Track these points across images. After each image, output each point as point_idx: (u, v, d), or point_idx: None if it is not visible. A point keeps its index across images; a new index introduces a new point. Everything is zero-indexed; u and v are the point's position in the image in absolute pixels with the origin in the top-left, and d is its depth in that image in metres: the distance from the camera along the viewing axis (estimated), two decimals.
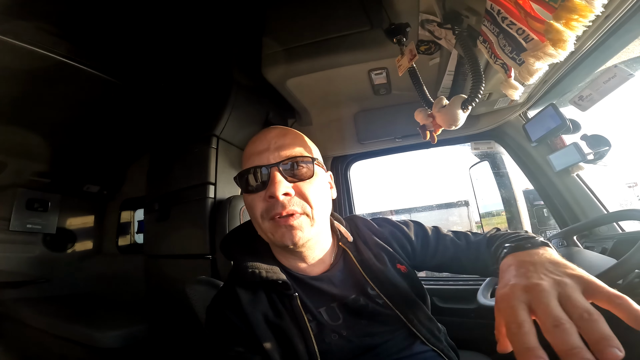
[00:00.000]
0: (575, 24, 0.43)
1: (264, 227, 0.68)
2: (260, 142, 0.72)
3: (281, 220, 0.65)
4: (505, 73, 0.67)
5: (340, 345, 0.65)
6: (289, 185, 0.66)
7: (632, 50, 0.96)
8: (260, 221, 0.68)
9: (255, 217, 0.69)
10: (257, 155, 0.70)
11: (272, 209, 0.65)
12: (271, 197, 0.65)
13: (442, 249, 0.84)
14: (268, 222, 0.67)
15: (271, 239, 0.69)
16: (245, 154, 0.73)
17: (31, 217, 2.33)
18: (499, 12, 0.60)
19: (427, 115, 0.88)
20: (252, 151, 0.71)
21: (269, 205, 0.66)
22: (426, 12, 0.98)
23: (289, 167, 0.68)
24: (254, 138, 0.74)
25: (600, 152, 1.23)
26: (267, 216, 0.67)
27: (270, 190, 0.65)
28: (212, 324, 0.68)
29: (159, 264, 1.63)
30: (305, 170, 0.69)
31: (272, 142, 0.71)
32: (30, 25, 1.24)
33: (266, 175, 0.67)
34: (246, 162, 0.71)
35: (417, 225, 0.90)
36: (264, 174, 0.67)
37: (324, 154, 1.92)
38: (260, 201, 0.67)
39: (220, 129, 1.57)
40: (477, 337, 1.35)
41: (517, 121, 1.49)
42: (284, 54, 1.32)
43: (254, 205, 0.68)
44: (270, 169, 0.67)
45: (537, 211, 2.95)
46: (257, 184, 0.68)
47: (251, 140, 0.75)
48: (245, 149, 0.74)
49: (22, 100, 1.65)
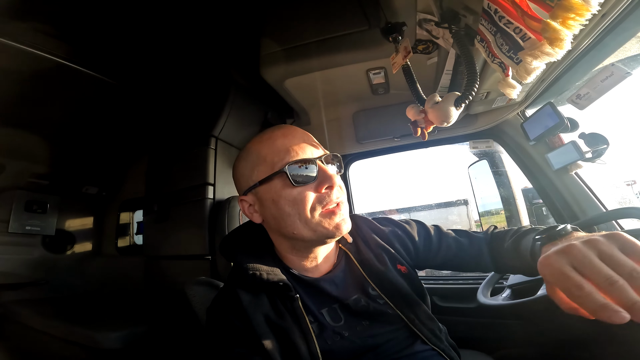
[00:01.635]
0: (572, 23, 0.44)
1: (313, 220, 0.67)
2: (292, 137, 0.72)
3: (334, 208, 0.68)
4: (503, 72, 0.68)
5: (342, 346, 0.65)
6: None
7: (629, 48, 0.96)
8: (309, 214, 0.66)
9: (302, 211, 0.66)
10: (299, 149, 0.69)
11: (325, 199, 0.67)
12: (329, 187, 0.67)
13: (445, 247, 0.85)
14: (319, 213, 0.67)
15: (320, 231, 0.67)
16: (277, 147, 0.70)
17: (30, 219, 2.32)
18: (496, 11, 0.60)
19: (419, 111, 0.88)
20: (288, 144, 0.70)
21: (321, 196, 0.67)
22: (424, 12, 0.99)
23: (330, 162, 0.72)
24: (278, 133, 0.73)
25: (599, 150, 1.23)
26: (320, 206, 0.67)
27: (330, 180, 0.67)
28: (213, 326, 0.68)
29: (159, 265, 1.63)
30: (339, 166, 0.74)
31: (304, 137, 0.73)
32: (28, 27, 1.24)
33: (315, 168, 0.68)
34: (283, 155, 0.68)
35: (419, 224, 0.91)
36: (312, 167, 0.68)
37: None
38: (311, 192, 0.67)
39: (218, 130, 1.57)
40: (478, 336, 1.36)
41: (515, 120, 1.50)
42: (282, 54, 1.32)
43: (303, 197, 0.66)
44: (318, 161, 0.69)
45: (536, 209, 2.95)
46: (308, 176, 0.68)
47: (274, 135, 0.72)
48: (272, 144, 0.71)
49: (21, 101, 1.65)
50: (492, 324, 1.37)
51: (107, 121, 2.05)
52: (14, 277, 2.18)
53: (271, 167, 0.69)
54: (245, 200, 0.75)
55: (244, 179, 0.74)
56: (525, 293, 1.11)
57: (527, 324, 1.24)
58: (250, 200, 0.74)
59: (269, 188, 0.69)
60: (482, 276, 1.49)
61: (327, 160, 0.71)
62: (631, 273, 0.37)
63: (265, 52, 1.34)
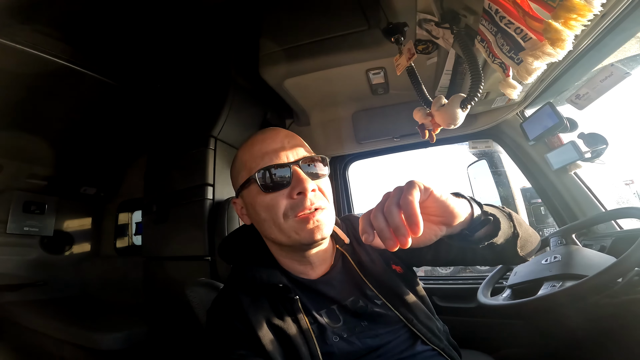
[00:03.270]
0: (574, 23, 0.43)
1: (286, 227, 0.67)
2: (271, 141, 0.71)
3: (309, 215, 0.66)
4: (504, 72, 0.67)
5: (342, 347, 0.64)
6: (313, 182, 0.68)
7: (628, 49, 0.96)
8: (282, 220, 0.66)
9: (275, 216, 0.67)
10: (273, 154, 0.69)
11: (299, 205, 0.66)
12: (300, 193, 0.66)
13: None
14: (292, 220, 0.66)
15: (294, 238, 0.67)
16: (254, 153, 0.71)
17: (28, 220, 2.31)
18: (497, 11, 0.60)
19: (426, 114, 0.88)
20: (264, 150, 0.70)
21: (294, 202, 0.66)
22: (424, 12, 0.98)
23: (309, 166, 0.70)
24: (258, 138, 0.73)
25: (598, 150, 1.23)
26: (292, 213, 0.66)
27: (301, 186, 0.65)
28: (214, 328, 0.68)
29: (158, 266, 1.62)
30: (321, 169, 0.72)
31: (284, 141, 0.71)
32: (27, 28, 1.23)
33: (288, 173, 0.67)
34: (258, 161, 0.69)
35: None
36: (285, 172, 0.67)
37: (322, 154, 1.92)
38: (283, 199, 0.67)
39: (218, 130, 1.56)
40: (478, 336, 1.36)
41: (515, 120, 1.50)
42: (281, 54, 1.31)
43: (275, 203, 0.67)
44: (293, 166, 0.68)
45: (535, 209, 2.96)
46: (279, 182, 0.67)
47: (255, 140, 0.73)
48: (250, 149, 0.72)
49: (19, 102, 1.65)
50: (493, 324, 1.37)
51: (106, 121, 2.04)
52: (12, 278, 2.17)
53: (248, 173, 0.70)
54: (237, 203, 0.77)
55: (234, 182, 0.77)
56: (526, 293, 1.11)
57: (528, 324, 1.25)
58: (240, 203, 0.76)
59: (248, 193, 0.71)
60: (482, 276, 1.49)
61: (308, 163, 0.70)
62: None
63: (264, 52, 1.34)
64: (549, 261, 1.07)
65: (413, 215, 0.44)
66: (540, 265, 1.08)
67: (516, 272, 1.17)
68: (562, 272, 0.99)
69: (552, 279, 0.99)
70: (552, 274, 1.00)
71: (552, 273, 1.01)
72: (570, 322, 1.00)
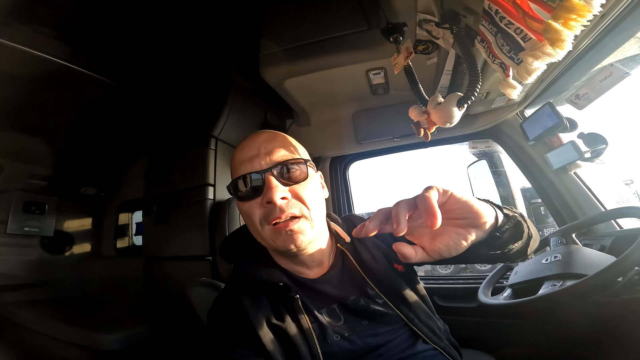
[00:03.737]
0: (574, 24, 0.44)
1: (263, 234, 0.67)
2: (249, 148, 0.70)
3: (281, 225, 0.64)
4: (504, 72, 0.68)
5: (343, 346, 0.64)
6: (285, 189, 0.66)
7: (627, 49, 0.97)
8: (260, 228, 0.67)
9: (253, 225, 0.68)
10: (248, 162, 0.68)
11: (271, 214, 0.65)
12: (269, 202, 0.64)
13: None
14: (268, 229, 0.66)
15: (272, 245, 0.68)
16: (235, 162, 0.72)
17: (28, 220, 2.32)
18: (497, 11, 0.60)
19: (422, 112, 0.88)
20: (241, 158, 0.70)
21: (266, 211, 0.65)
22: (424, 12, 0.99)
23: (283, 171, 0.67)
24: (241, 145, 0.73)
25: (597, 150, 1.24)
26: (266, 222, 0.66)
27: (267, 195, 0.64)
28: (215, 327, 0.68)
29: (159, 266, 1.62)
30: (299, 173, 0.69)
31: (261, 147, 0.69)
32: (27, 29, 1.23)
33: (260, 181, 0.66)
34: (237, 170, 0.70)
35: None
36: (257, 180, 0.66)
37: (322, 154, 1.92)
38: (257, 208, 0.66)
39: (218, 130, 1.57)
40: (479, 335, 1.36)
41: (515, 120, 1.50)
42: (281, 54, 1.32)
43: (250, 212, 0.67)
44: (264, 174, 0.66)
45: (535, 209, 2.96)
46: (252, 191, 0.67)
47: (239, 147, 0.73)
48: (234, 157, 0.73)
49: (19, 103, 1.65)
50: (493, 324, 1.37)
51: (106, 122, 2.04)
52: (13, 278, 2.17)
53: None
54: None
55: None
56: (526, 292, 1.12)
57: (528, 323, 1.25)
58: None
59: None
60: (482, 276, 1.50)
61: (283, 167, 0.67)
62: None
63: (264, 53, 1.34)
64: (549, 261, 1.07)
65: (430, 206, 0.44)
66: (541, 264, 1.09)
67: (516, 272, 1.17)
68: (563, 271, 0.99)
69: (553, 278, 0.99)
70: (552, 274, 1.00)
71: (552, 272, 1.01)
72: (571, 321, 1.00)
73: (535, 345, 1.23)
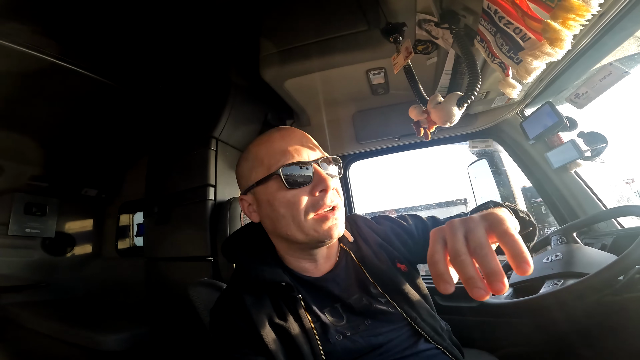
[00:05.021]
0: (573, 23, 0.44)
1: (304, 223, 0.67)
2: (289, 139, 0.72)
3: (328, 213, 0.68)
4: (503, 72, 0.68)
5: (345, 345, 0.65)
6: (333, 181, 0.70)
7: (627, 48, 0.97)
8: (302, 217, 0.67)
9: (296, 214, 0.67)
10: (295, 152, 0.70)
11: (319, 202, 0.67)
12: (322, 190, 0.67)
13: None
14: (312, 217, 0.67)
15: (312, 235, 0.68)
16: (273, 150, 0.71)
17: (30, 222, 2.32)
18: (496, 11, 0.61)
19: (422, 111, 0.89)
20: (283, 147, 0.71)
21: (315, 200, 0.68)
22: (423, 12, 0.99)
23: (327, 165, 0.72)
24: (276, 135, 0.74)
25: (598, 148, 1.24)
26: (313, 210, 0.67)
27: (323, 184, 0.67)
28: (217, 327, 0.68)
29: (160, 267, 1.62)
30: (336, 169, 0.74)
31: (302, 140, 0.73)
32: (26, 28, 1.24)
33: (311, 171, 0.69)
34: (279, 158, 0.69)
35: (415, 217, 0.91)
36: (308, 170, 0.69)
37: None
38: (304, 196, 0.68)
39: (219, 131, 1.57)
40: (481, 335, 1.36)
41: (515, 119, 1.50)
42: (281, 55, 1.32)
43: (297, 200, 0.67)
44: (314, 164, 0.69)
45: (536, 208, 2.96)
46: (302, 179, 0.68)
47: (272, 137, 0.74)
48: (269, 145, 0.72)
49: (20, 104, 1.65)
50: (495, 323, 1.37)
51: (107, 123, 2.05)
52: (14, 279, 2.17)
53: (267, 169, 0.70)
54: (244, 200, 0.77)
55: (244, 179, 0.76)
56: (528, 291, 1.12)
57: (530, 322, 1.25)
58: (249, 200, 0.76)
59: (265, 189, 0.71)
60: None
61: (325, 162, 0.72)
62: (475, 249, 0.39)
63: (264, 53, 1.34)
64: (550, 260, 1.07)
65: (521, 253, 0.36)
66: (542, 263, 1.09)
67: None
68: (564, 270, 0.99)
69: (554, 277, 0.99)
70: (553, 272, 1.01)
71: (553, 271, 1.01)
72: (573, 320, 1.00)
73: (537, 345, 1.23)
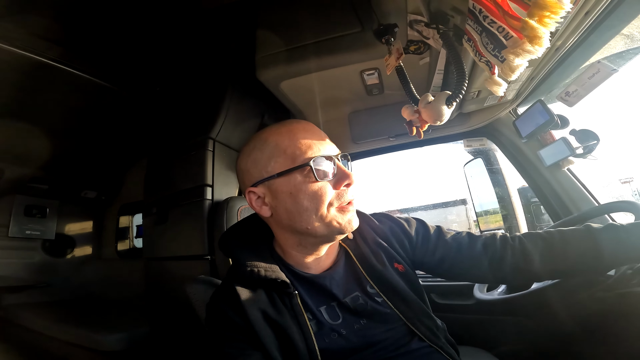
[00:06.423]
0: (548, 21, 0.45)
1: (327, 215, 0.67)
2: (313, 133, 0.73)
3: (348, 206, 0.70)
4: (490, 70, 0.69)
5: (340, 344, 0.66)
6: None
7: (614, 46, 0.99)
8: (326, 209, 0.67)
9: (320, 206, 0.67)
10: (320, 145, 0.71)
11: (343, 195, 0.69)
12: (348, 184, 0.70)
13: (443, 246, 0.83)
14: (335, 209, 0.69)
15: (333, 227, 0.68)
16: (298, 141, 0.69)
17: (30, 224, 2.34)
18: (481, 11, 0.62)
19: (414, 111, 0.91)
20: (309, 139, 0.70)
21: (339, 193, 0.69)
22: (414, 13, 1.01)
23: (346, 161, 0.75)
24: (299, 127, 0.73)
25: (589, 146, 1.25)
26: (337, 202, 0.69)
27: (349, 178, 0.69)
28: (212, 320, 0.69)
29: (159, 266, 1.64)
30: (350, 165, 0.76)
31: (322, 135, 0.75)
32: (24, 31, 1.26)
33: (333, 165, 0.70)
34: (305, 149, 0.68)
35: (419, 222, 0.89)
36: (332, 164, 0.70)
37: None
38: (329, 189, 0.68)
39: (216, 132, 1.59)
40: (477, 332, 1.37)
41: (507, 118, 1.52)
42: (277, 56, 1.33)
43: (323, 192, 0.67)
44: (336, 159, 0.71)
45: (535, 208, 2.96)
46: (327, 173, 0.69)
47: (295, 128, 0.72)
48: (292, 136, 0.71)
49: (19, 106, 1.67)
50: (491, 321, 1.38)
51: (105, 125, 2.07)
52: (15, 280, 2.19)
53: (292, 160, 0.68)
54: (254, 192, 0.72)
55: (256, 170, 0.71)
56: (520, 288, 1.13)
57: (525, 319, 1.26)
58: (260, 192, 0.71)
59: (287, 181, 0.68)
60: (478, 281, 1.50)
61: (344, 158, 0.74)
62: None
63: (261, 55, 1.36)
64: None
65: None
66: None
67: None
68: None
69: None
70: None
71: None
72: (566, 316, 1.01)
73: (532, 342, 1.24)
